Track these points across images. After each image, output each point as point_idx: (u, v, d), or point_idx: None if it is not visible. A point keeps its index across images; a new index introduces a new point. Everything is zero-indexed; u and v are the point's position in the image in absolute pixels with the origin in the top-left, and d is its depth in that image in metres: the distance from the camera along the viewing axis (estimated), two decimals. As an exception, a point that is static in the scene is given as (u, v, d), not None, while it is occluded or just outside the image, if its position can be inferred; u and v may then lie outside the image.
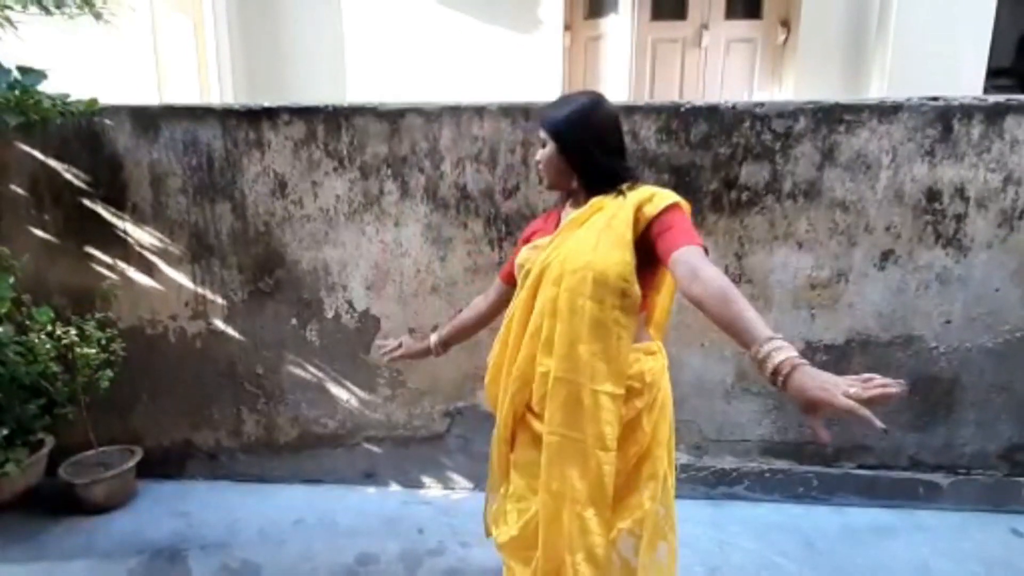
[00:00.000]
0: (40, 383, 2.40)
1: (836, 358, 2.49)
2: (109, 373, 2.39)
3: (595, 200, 1.33)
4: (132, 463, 2.58)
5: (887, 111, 2.28)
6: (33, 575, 2.20)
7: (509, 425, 1.43)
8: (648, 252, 1.23)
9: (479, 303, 1.71)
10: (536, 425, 1.36)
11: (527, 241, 1.49)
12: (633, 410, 1.29)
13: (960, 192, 2.33)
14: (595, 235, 1.25)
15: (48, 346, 2.28)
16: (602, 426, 1.24)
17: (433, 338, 1.71)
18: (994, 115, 2.26)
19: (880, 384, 0.83)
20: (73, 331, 2.29)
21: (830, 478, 2.61)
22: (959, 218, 2.35)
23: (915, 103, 2.27)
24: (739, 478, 2.65)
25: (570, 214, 1.38)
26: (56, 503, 2.53)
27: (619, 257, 1.21)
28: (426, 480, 2.73)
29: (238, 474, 2.77)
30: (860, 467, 2.59)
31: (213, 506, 2.61)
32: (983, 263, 2.38)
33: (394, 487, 2.74)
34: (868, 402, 0.82)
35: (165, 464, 2.75)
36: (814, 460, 2.61)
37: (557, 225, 1.41)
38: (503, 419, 1.44)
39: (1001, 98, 2.26)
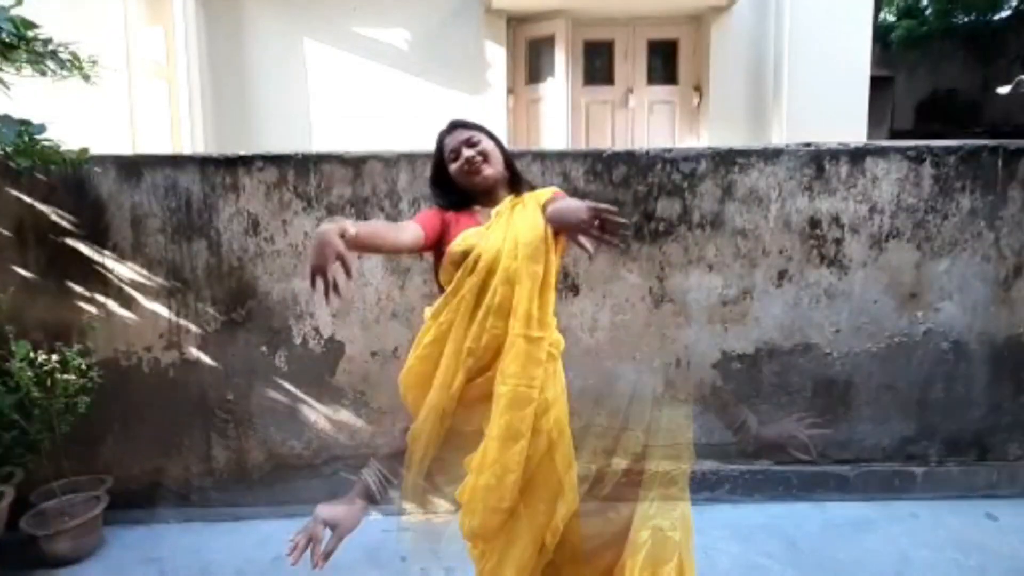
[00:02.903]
0: (13, 415, 2.51)
1: (748, 365, 2.86)
2: (86, 399, 2.53)
3: (513, 197, 1.61)
4: (98, 510, 2.57)
5: (771, 155, 2.76)
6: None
7: (457, 398, 1.53)
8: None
9: (397, 235, 1.51)
10: (476, 389, 1.53)
11: (444, 223, 1.59)
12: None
13: (836, 220, 2.79)
14: (528, 217, 1.54)
15: (29, 374, 2.42)
16: (540, 368, 1.48)
17: (350, 229, 1.28)
18: (857, 157, 2.77)
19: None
20: (55, 357, 2.45)
21: (752, 475, 2.92)
22: (838, 242, 2.81)
23: (793, 148, 2.76)
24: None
25: (495, 208, 1.59)
26: (18, 559, 2.46)
27: (542, 224, 1.52)
28: (402, 502, 2.90)
29: (210, 509, 2.87)
30: (776, 463, 2.92)
31: (185, 549, 2.61)
32: (861, 279, 2.83)
33: (373, 514, 2.88)
34: None
35: (134, 498, 2.82)
36: (735, 459, 2.91)
37: (476, 222, 1.58)
38: (452, 393, 1.51)
39: (860, 142, 2.78)
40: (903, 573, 2.34)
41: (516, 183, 1.68)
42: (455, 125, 1.70)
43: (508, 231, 1.53)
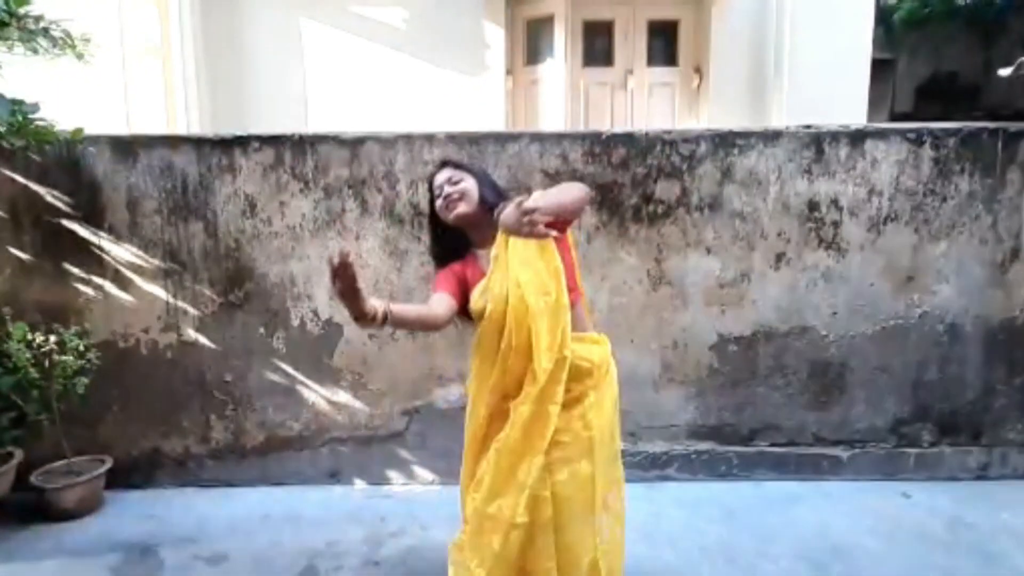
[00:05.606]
0: (11, 396, 2.52)
1: (745, 348, 2.87)
2: (84, 380, 2.54)
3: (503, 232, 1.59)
4: (102, 470, 2.71)
5: (770, 137, 2.74)
6: (2, 577, 2.27)
7: (485, 426, 1.70)
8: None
9: (436, 314, 1.61)
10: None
11: (463, 282, 1.69)
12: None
13: (835, 203, 2.79)
14: (521, 250, 1.56)
15: (27, 355, 2.43)
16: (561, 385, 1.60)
17: (379, 307, 1.49)
18: (856, 139, 2.75)
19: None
20: (53, 338, 2.45)
21: (748, 456, 2.95)
22: (836, 224, 2.80)
23: (793, 130, 2.74)
24: (669, 461, 2.96)
25: (492, 251, 1.61)
26: (25, 513, 2.61)
27: (555, 264, 1.58)
28: (388, 476, 2.94)
29: (206, 480, 2.91)
30: (772, 445, 2.95)
31: (181, 508, 2.75)
32: (859, 262, 2.83)
33: (358, 484, 2.94)
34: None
35: (134, 473, 2.87)
36: (733, 440, 2.95)
37: (481, 269, 1.67)
38: (481, 423, 1.70)
39: (860, 124, 2.76)
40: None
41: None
42: (443, 163, 1.75)
43: (507, 274, 1.57)
